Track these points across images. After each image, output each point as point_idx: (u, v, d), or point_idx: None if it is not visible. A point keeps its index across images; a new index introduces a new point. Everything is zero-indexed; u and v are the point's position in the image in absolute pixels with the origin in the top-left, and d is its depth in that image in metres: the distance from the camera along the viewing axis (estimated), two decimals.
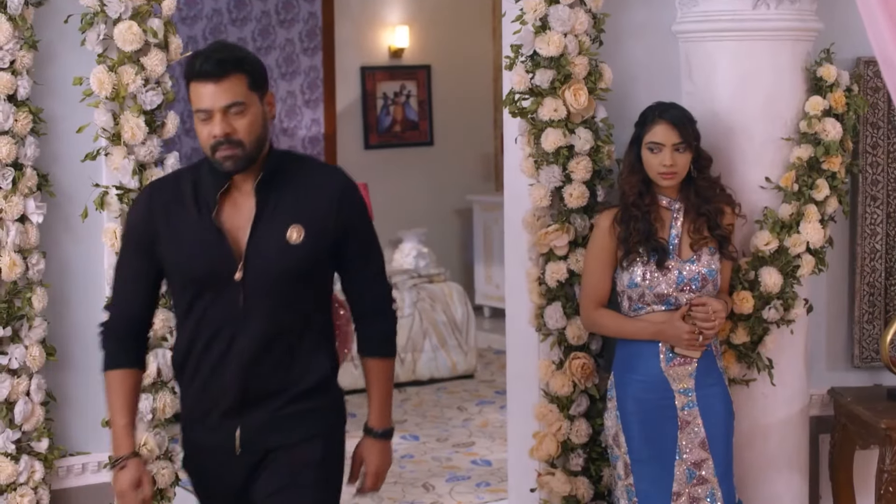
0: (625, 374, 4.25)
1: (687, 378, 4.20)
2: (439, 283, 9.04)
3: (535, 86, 4.35)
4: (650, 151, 4.15)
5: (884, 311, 4.93)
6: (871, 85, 4.80)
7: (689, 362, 4.19)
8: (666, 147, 4.13)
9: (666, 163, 4.12)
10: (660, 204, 4.23)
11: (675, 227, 4.22)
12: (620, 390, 4.25)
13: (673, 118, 4.13)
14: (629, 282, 4.20)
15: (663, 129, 4.13)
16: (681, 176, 4.18)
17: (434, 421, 7.81)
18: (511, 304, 4.88)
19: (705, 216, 4.20)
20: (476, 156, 10.98)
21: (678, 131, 4.12)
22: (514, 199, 4.70)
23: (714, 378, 4.25)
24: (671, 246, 4.21)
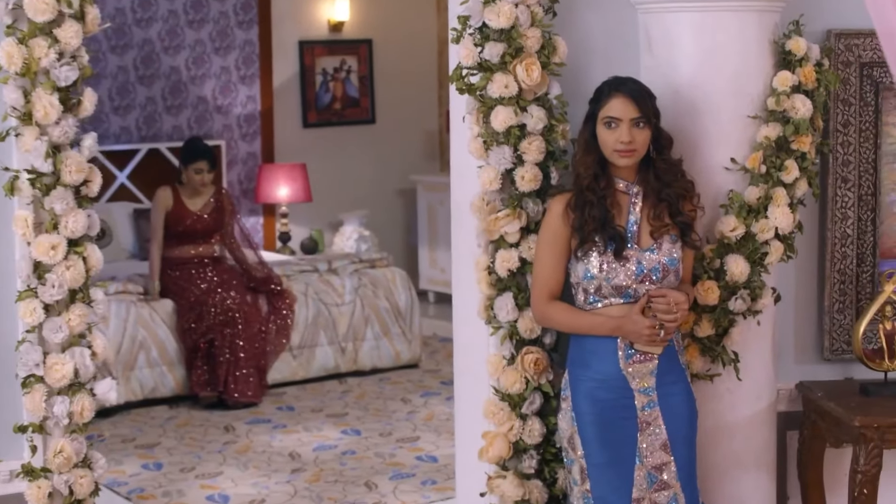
0: (580, 371, 4.11)
1: (647, 376, 4.07)
2: (382, 269, 9.02)
3: (484, 60, 4.20)
4: (606, 127, 4.02)
5: (855, 299, 4.82)
6: (843, 59, 4.71)
7: (650, 359, 4.06)
8: (623, 122, 3.99)
9: (623, 139, 3.98)
10: (616, 188, 4.09)
11: (634, 213, 4.09)
12: (575, 389, 4.11)
13: (630, 91, 4.01)
14: (584, 273, 4.06)
15: (620, 103, 4.00)
16: (639, 154, 4.04)
17: (377, 414, 7.80)
18: (458, 293, 4.78)
19: (666, 202, 4.07)
20: (420, 134, 10.96)
21: (636, 105, 3.99)
22: (461, 180, 4.60)
23: (676, 375, 4.12)
24: (629, 234, 4.06)
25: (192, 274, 8.09)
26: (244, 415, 7.78)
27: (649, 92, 4.06)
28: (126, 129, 9.57)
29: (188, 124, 9.77)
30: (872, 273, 4.81)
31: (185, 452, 7.07)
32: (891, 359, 4.60)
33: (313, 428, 7.48)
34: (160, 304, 8.02)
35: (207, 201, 8.18)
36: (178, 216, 8.07)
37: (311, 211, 10.06)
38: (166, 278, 8.09)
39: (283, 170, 9.71)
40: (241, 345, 7.97)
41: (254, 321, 8.08)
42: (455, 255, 4.79)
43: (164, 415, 7.83)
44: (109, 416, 7.53)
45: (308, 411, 7.85)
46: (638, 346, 4.02)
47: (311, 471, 6.71)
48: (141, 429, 7.54)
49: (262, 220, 10.11)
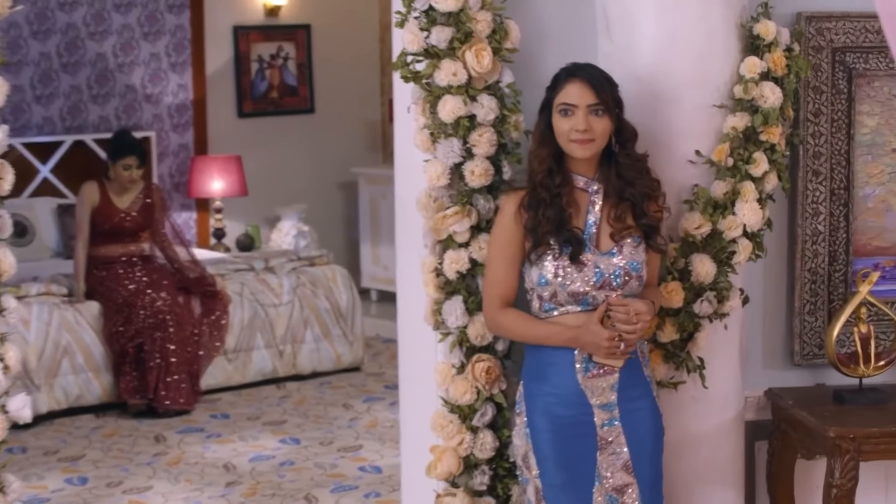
0: (536, 385, 3.96)
1: (608, 391, 3.91)
2: (321, 266, 9.00)
3: (431, 46, 4.11)
4: (561, 115, 3.87)
5: (827, 300, 4.74)
6: (814, 43, 4.62)
7: (611, 373, 3.90)
8: (579, 109, 3.85)
9: (579, 126, 3.83)
10: (575, 185, 3.95)
11: (593, 212, 3.93)
12: (531, 404, 3.96)
13: (588, 76, 3.87)
14: (539, 279, 3.90)
15: (576, 88, 3.86)
16: (598, 145, 3.89)
17: (317, 421, 7.75)
18: (403, 295, 4.71)
19: (629, 201, 3.92)
20: (361, 124, 10.98)
21: (594, 90, 3.84)
22: (406, 175, 4.52)
23: (640, 390, 3.97)
24: (587, 236, 3.91)
25: (119, 274, 8.01)
26: (176, 423, 7.71)
27: (610, 79, 3.93)
28: (49, 119, 9.46)
29: (116, 114, 9.69)
30: (846, 272, 4.73)
31: (112, 465, 6.97)
32: (866, 364, 4.52)
33: (249, 437, 7.40)
34: (86, 307, 7.94)
35: (136, 197, 8.11)
36: (104, 213, 7.99)
37: (247, 206, 10.02)
38: (92, 278, 8.01)
39: (216, 162, 9.68)
40: (173, 349, 7.91)
41: (186, 324, 8.03)
42: (400, 256, 4.71)
43: (89, 424, 7.73)
44: (31, 428, 7.42)
45: (244, 419, 7.79)
46: (597, 358, 3.86)
47: (247, 484, 6.63)
48: (65, 440, 7.42)
49: (194, 215, 10.07)
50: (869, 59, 4.64)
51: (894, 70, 4.65)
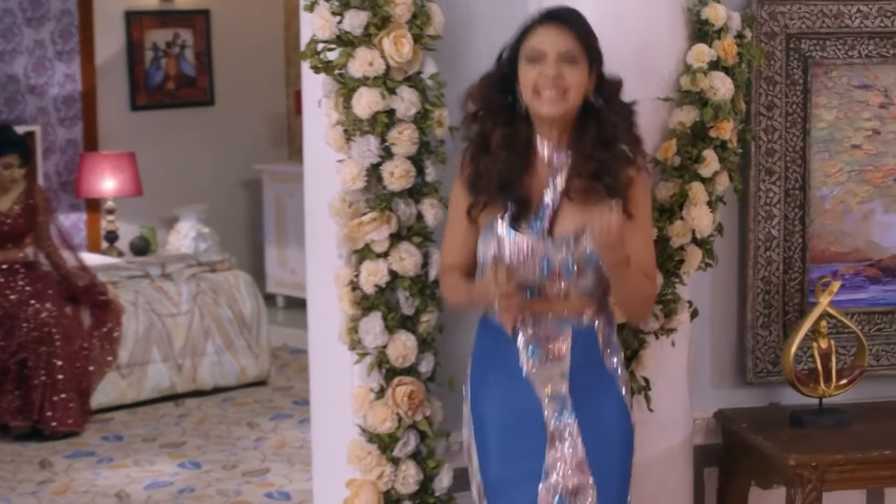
0: (481, 368, 3.81)
1: (557, 379, 3.71)
2: (223, 272, 8.90)
3: (344, 32, 4.05)
4: (528, 64, 3.62)
5: (782, 312, 4.67)
6: (766, 29, 4.55)
7: (559, 357, 3.69)
8: (549, 56, 3.59)
9: (548, 72, 3.57)
10: (536, 152, 3.70)
11: (552, 189, 3.69)
12: (475, 390, 3.81)
13: (563, 20, 3.63)
14: (482, 259, 3.72)
15: (549, 32, 3.62)
16: (570, 101, 3.62)
17: (219, 442, 7.58)
18: (314, 308, 4.64)
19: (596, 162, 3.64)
20: (265, 117, 10.87)
21: (570, 35, 3.60)
22: (317, 177, 4.47)
23: (599, 380, 3.75)
24: (542, 212, 3.67)
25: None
26: (63, 447, 7.50)
27: (590, 28, 3.69)
28: None
29: None
30: (802, 281, 4.67)
31: None
32: (826, 382, 4.44)
33: (145, 461, 7.22)
34: None
35: (18, 199, 7.95)
36: None
37: (142, 206, 9.78)
38: None
39: (108, 159, 9.49)
40: (60, 365, 7.72)
41: (74, 337, 7.84)
42: (310, 265, 4.65)
43: None
44: None
45: (139, 441, 7.61)
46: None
47: None
48: None
49: (84, 217, 9.88)
50: (826, 46, 4.59)
51: (853, 58, 4.61)
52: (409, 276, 4.09)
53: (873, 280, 4.70)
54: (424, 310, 4.13)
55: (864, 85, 4.61)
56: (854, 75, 4.60)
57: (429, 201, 4.10)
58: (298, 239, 9.47)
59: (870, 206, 4.66)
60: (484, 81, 3.73)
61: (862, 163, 4.63)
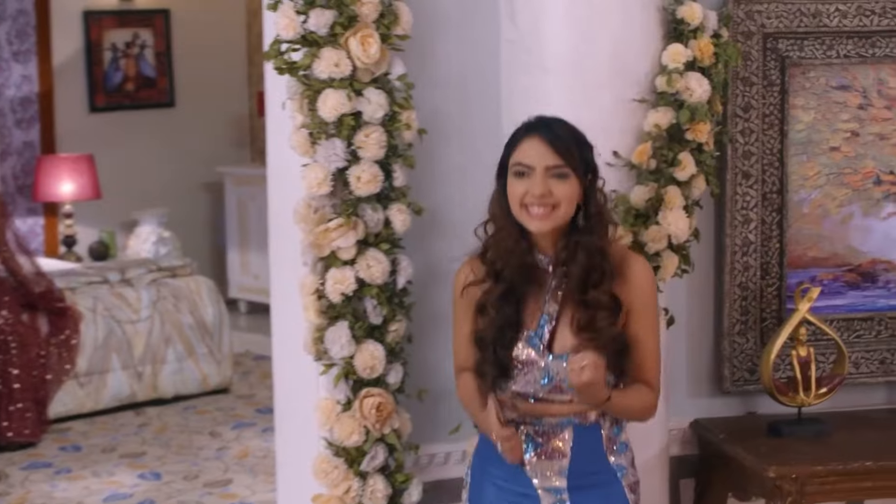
0: (482, 459, 3.71)
1: (555, 476, 3.60)
2: (184, 278, 8.81)
3: (309, 32, 4.02)
4: (516, 177, 3.49)
5: (759, 319, 4.67)
6: (743, 29, 4.58)
7: (560, 454, 3.58)
8: (536, 170, 3.45)
9: (535, 190, 3.44)
10: (537, 266, 3.56)
11: (551, 303, 3.56)
12: (476, 479, 3.72)
13: (549, 132, 3.48)
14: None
15: (534, 146, 3.47)
16: (561, 215, 3.48)
17: (181, 452, 7.47)
18: (279, 316, 4.63)
19: (593, 309, 3.51)
20: (227, 119, 10.91)
21: (554, 148, 3.45)
22: (281, 181, 4.47)
23: (601, 478, 3.63)
24: (539, 330, 3.56)
25: None
26: (19, 458, 7.39)
27: (579, 136, 3.55)
28: None
29: None
30: (779, 287, 4.68)
31: None
32: (806, 391, 4.44)
33: (104, 472, 7.11)
34: None
35: None
36: None
37: (101, 210, 9.84)
38: None
39: (66, 162, 9.54)
40: (16, 373, 7.65)
41: (31, 344, 7.77)
42: (274, 273, 4.62)
43: None
44: None
45: (98, 451, 7.49)
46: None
47: None
48: None
49: (41, 221, 9.94)
50: (804, 45, 4.60)
51: (832, 58, 4.61)
52: (376, 284, 4.06)
53: (852, 285, 4.69)
54: (393, 319, 4.10)
55: (843, 85, 4.61)
56: (832, 76, 4.60)
57: (397, 206, 4.07)
58: (261, 243, 9.61)
59: (848, 210, 4.66)
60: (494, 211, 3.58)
61: (840, 165, 4.63)
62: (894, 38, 4.57)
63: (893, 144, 4.63)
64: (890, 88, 4.61)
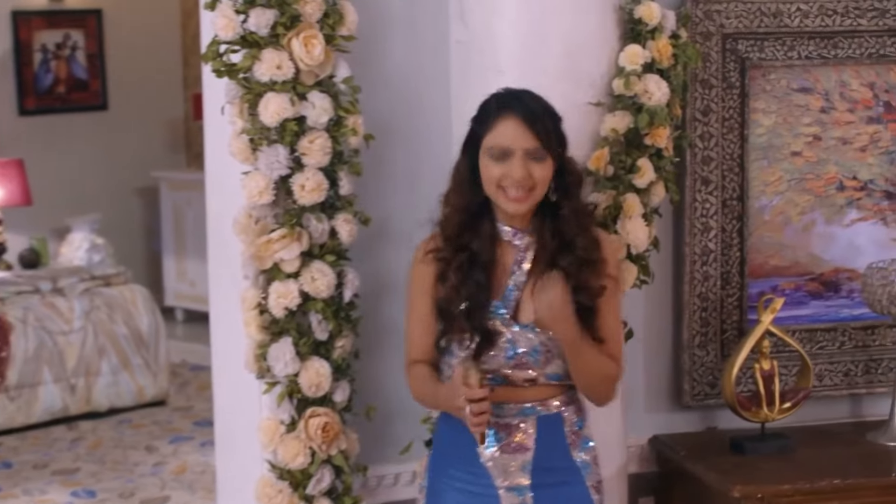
0: (441, 461, 3.67)
1: (518, 473, 3.56)
2: (119, 286, 8.77)
3: (249, 33, 3.95)
4: (492, 160, 3.48)
5: (720, 331, 4.61)
6: (701, 29, 4.52)
7: (523, 447, 3.55)
8: (515, 153, 3.45)
9: (515, 175, 3.44)
10: (500, 240, 3.57)
11: (518, 273, 3.56)
12: (433, 483, 3.68)
13: (526, 111, 3.48)
14: (446, 349, 3.60)
15: (512, 128, 3.47)
16: (537, 196, 3.51)
17: (115, 468, 7.38)
18: (219, 332, 4.53)
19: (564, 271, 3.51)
20: (161, 122, 10.88)
21: (533, 131, 3.46)
22: (220, 190, 4.41)
23: (565, 475, 3.59)
24: (505, 303, 3.54)
25: None
26: None
27: (552, 110, 3.55)
28: None
29: None
30: (740, 297, 4.61)
31: None
32: (769, 406, 4.37)
33: (35, 490, 7.04)
34: None
35: None
36: None
37: (32, 216, 9.76)
38: None
39: None
40: None
41: None
42: (213, 286, 4.54)
43: None
44: None
45: (29, 468, 7.43)
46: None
47: None
48: None
49: None
50: (764, 46, 4.54)
51: (793, 60, 4.55)
52: (321, 297, 4.00)
53: (815, 295, 4.64)
54: (339, 334, 4.04)
55: (804, 88, 4.56)
56: (793, 78, 4.55)
57: (343, 216, 4.01)
58: (198, 249, 9.70)
59: (810, 217, 4.60)
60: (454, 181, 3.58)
61: (802, 171, 4.58)
62: (857, 38, 4.51)
63: (857, 149, 4.58)
64: (853, 91, 4.55)
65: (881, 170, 4.59)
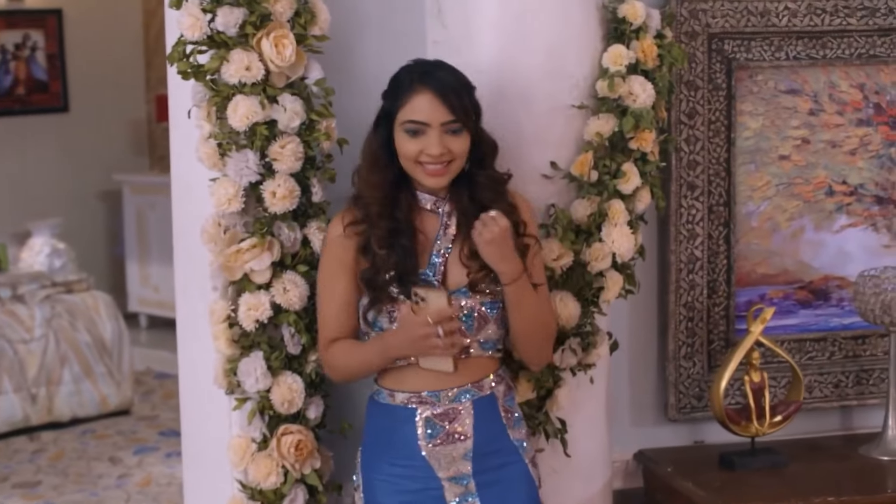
0: (374, 453, 3.69)
1: (459, 461, 3.59)
2: (81, 293, 8.77)
3: (217, 32, 3.85)
4: (408, 135, 3.58)
5: (706, 342, 4.52)
6: (686, 29, 4.43)
7: (463, 436, 3.57)
8: (432, 128, 3.53)
9: (433, 151, 3.52)
10: (421, 206, 3.66)
11: (443, 239, 3.63)
12: (368, 477, 3.69)
13: (441, 85, 3.56)
14: (374, 323, 3.61)
15: (427, 102, 3.55)
16: (456, 168, 3.61)
17: (79, 481, 7.33)
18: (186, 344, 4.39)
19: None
20: (124, 125, 10.87)
21: (449, 104, 3.54)
22: (187, 196, 4.27)
23: (505, 457, 3.63)
24: (431, 266, 3.61)
25: None
26: None
27: (465, 82, 3.64)
28: None
29: None
30: (727, 306, 4.53)
31: None
32: (760, 420, 4.29)
33: None
34: None
35: None
36: None
37: None
38: None
39: None
40: None
41: None
42: (180, 297, 4.41)
43: None
44: None
45: None
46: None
47: None
48: None
49: None
50: (751, 47, 4.45)
51: (781, 60, 4.46)
52: (294, 309, 3.90)
53: (804, 304, 4.56)
54: (312, 347, 3.93)
55: (793, 89, 4.47)
56: (781, 79, 4.47)
57: (316, 224, 3.91)
58: (162, 254, 9.69)
59: (799, 223, 4.52)
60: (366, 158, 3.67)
61: (791, 175, 4.50)
62: (846, 38, 4.42)
63: (846, 152, 4.49)
64: (842, 92, 4.46)
65: (871, 174, 4.51)
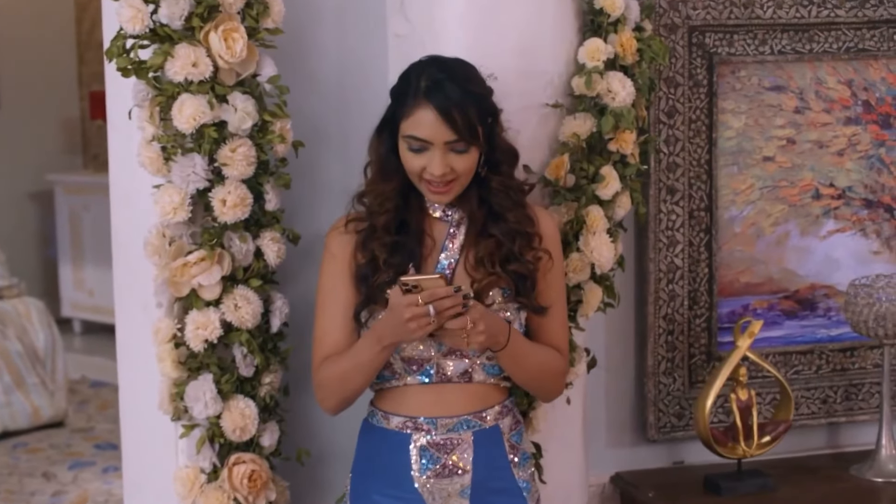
0: (363, 484, 3.52)
1: (455, 498, 3.41)
2: (11, 300, 8.60)
3: (160, 25, 3.68)
4: (411, 150, 3.41)
5: (687, 356, 4.34)
6: (666, 21, 4.25)
7: (461, 470, 3.40)
8: (435, 146, 3.36)
9: (435, 170, 3.35)
10: (430, 214, 3.51)
11: (449, 250, 3.48)
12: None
13: (444, 102, 3.35)
14: (366, 324, 3.50)
15: (429, 119, 3.36)
16: (460, 186, 3.44)
17: (10, 499, 7.13)
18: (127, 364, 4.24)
19: (494, 239, 3.45)
20: (56, 122, 10.77)
21: (452, 125, 3.34)
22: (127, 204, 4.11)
23: (508, 498, 3.46)
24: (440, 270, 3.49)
25: None
26: None
27: (477, 91, 3.43)
28: None
29: None
30: (709, 318, 4.35)
31: None
32: (747, 440, 4.09)
33: None
34: None
35: None
36: None
37: None
38: None
39: None
40: None
41: None
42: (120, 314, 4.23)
43: None
44: None
45: None
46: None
47: None
48: None
49: None
50: (734, 40, 4.28)
51: (765, 55, 4.28)
52: (246, 327, 3.74)
53: (789, 314, 4.38)
54: (266, 369, 3.77)
55: (777, 86, 4.30)
56: (765, 75, 4.30)
57: (270, 234, 3.75)
58: (97, 257, 9.51)
59: (784, 229, 4.36)
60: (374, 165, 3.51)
61: (775, 177, 4.33)
62: (834, 31, 4.24)
63: (834, 153, 4.32)
64: (829, 89, 4.28)
65: (860, 176, 4.34)
